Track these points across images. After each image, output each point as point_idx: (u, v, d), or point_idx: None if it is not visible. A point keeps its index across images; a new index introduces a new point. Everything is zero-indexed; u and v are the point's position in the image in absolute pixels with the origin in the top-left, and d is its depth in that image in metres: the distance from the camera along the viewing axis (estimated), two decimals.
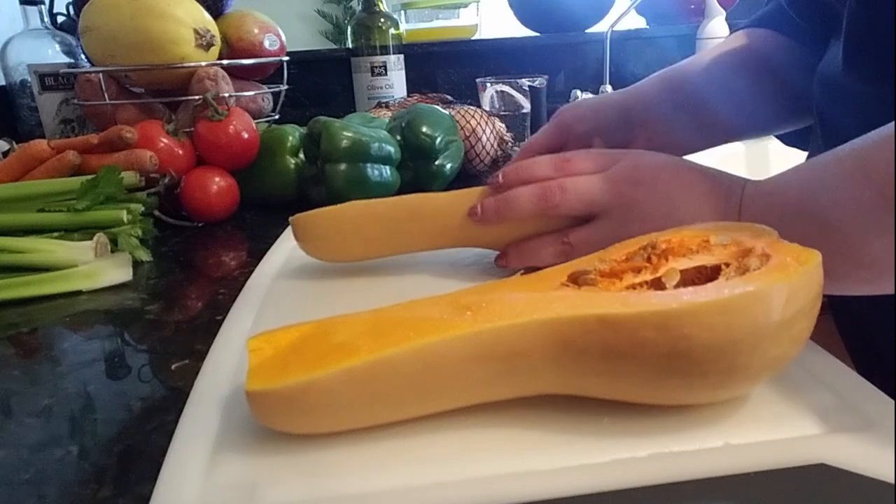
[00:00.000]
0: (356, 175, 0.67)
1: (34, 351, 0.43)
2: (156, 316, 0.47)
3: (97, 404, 0.35)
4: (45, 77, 0.96)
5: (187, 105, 0.81)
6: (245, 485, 0.25)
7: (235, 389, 0.32)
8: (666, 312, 0.25)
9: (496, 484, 0.24)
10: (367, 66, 1.12)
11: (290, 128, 0.77)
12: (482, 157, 0.86)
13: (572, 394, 0.28)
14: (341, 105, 1.32)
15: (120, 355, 0.42)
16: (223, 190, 0.70)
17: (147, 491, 0.26)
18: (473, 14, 1.52)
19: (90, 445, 0.31)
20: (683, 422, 0.27)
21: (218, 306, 0.48)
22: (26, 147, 0.67)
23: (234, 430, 0.29)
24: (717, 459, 0.25)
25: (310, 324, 0.30)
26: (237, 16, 0.93)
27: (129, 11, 0.75)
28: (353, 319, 0.30)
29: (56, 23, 1.04)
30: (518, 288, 0.30)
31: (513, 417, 0.29)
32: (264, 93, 0.94)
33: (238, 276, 0.54)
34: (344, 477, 0.25)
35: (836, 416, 0.27)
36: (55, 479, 0.29)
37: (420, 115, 0.74)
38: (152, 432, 0.32)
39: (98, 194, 0.59)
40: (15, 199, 0.60)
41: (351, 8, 2.43)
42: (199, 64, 0.79)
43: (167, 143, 0.70)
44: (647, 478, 0.24)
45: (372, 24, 1.11)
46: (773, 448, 0.25)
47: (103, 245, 0.57)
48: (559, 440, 0.27)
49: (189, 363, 0.39)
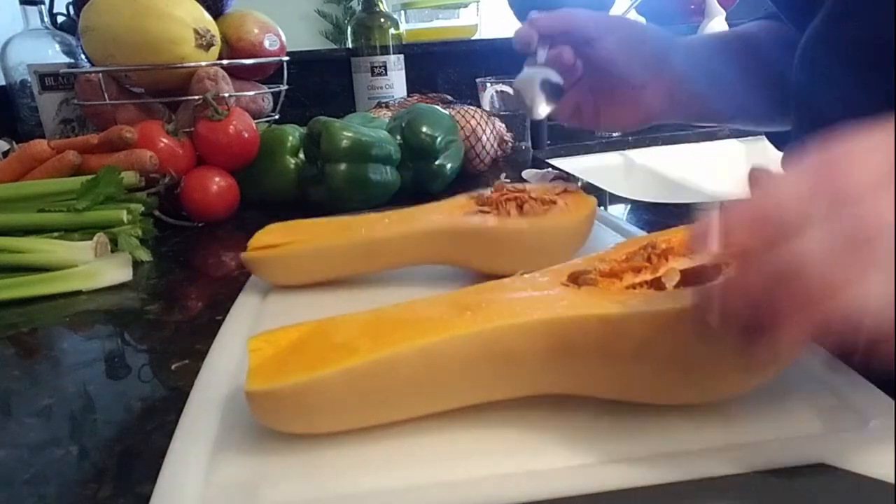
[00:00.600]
0: (356, 175, 0.67)
1: (34, 351, 0.43)
2: (156, 316, 0.47)
3: (97, 404, 0.35)
4: (45, 77, 0.96)
5: (187, 105, 0.81)
6: (245, 485, 0.25)
7: (235, 389, 0.32)
8: (666, 313, 0.25)
9: (496, 484, 0.24)
10: (367, 66, 1.12)
11: (290, 128, 0.77)
12: (482, 157, 0.86)
13: (572, 393, 0.28)
14: (341, 105, 1.32)
15: (120, 355, 0.42)
16: (223, 190, 0.70)
17: (147, 491, 0.26)
18: (473, 14, 1.52)
19: (90, 445, 0.31)
20: (683, 422, 0.27)
21: (218, 306, 0.48)
22: (26, 147, 0.67)
23: (234, 430, 0.29)
24: (717, 459, 0.25)
25: (310, 324, 0.30)
26: (237, 16, 0.93)
27: (129, 11, 0.75)
28: (352, 319, 0.30)
29: (56, 23, 1.04)
30: (518, 288, 0.30)
31: (513, 418, 0.29)
32: (264, 93, 0.94)
33: (238, 276, 0.54)
34: (344, 477, 0.25)
35: (835, 416, 0.27)
36: (55, 479, 0.29)
37: (420, 115, 0.74)
38: (152, 432, 0.32)
39: (98, 194, 0.59)
40: (15, 199, 0.60)
41: (351, 8, 2.43)
42: (199, 64, 0.79)
43: (167, 143, 0.70)
44: (647, 478, 0.24)
45: (372, 24, 1.11)
46: (773, 448, 0.25)
47: (103, 245, 0.57)
48: (559, 440, 0.27)
49: (189, 363, 0.39)
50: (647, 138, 1.30)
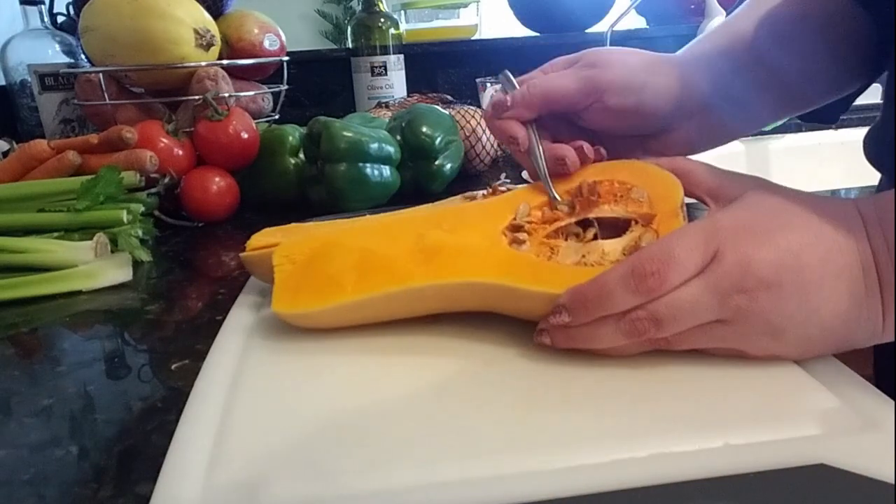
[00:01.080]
0: (356, 175, 0.67)
1: (34, 351, 0.43)
2: (156, 316, 0.47)
3: (97, 404, 0.35)
4: (45, 77, 0.96)
5: (187, 105, 0.81)
6: (245, 485, 0.25)
7: (235, 389, 0.32)
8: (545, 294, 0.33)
9: (496, 484, 0.24)
10: (367, 66, 1.12)
11: (290, 128, 0.77)
12: (482, 157, 0.86)
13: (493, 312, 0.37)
14: (341, 105, 1.32)
15: (120, 355, 0.42)
16: (223, 190, 0.70)
17: (147, 491, 0.26)
18: (473, 14, 1.52)
19: (90, 445, 0.31)
20: (683, 422, 0.27)
21: (218, 306, 0.48)
22: (26, 147, 0.67)
23: (234, 430, 0.29)
24: (717, 459, 0.25)
25: (318, 242, 0.39)
26: (237, 16, 0.93)
27: (129, 11, 0.75)
28: (346, 246, 0.38)
29: (56, 23, 1.04)
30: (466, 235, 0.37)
31: (513, 418, 0.29)
32: (264, 93, 0.94)
33: (238, 276, 0.54)
34: (344, 477, 0.25)
35: (836, 417, 0.27)
36: (55, 479, 0.29)
37: (420, 115, 0.74)
38: (152, 432, 0.32)
39: (98, 194, 0.59)
40: (15, 199, 0.60)
41: (351, 8, 2.43)
42: (199, 64, 0.79)
43: (167, 143, 0.70)
44: (647, 478, 0.24)
45: (372, 24, 1.11)
46: (773, 448, 0.25)
47: (103, 245, 0.57)
48: (559, 440, 0.27)
49: (189, 363, 0.39)
50: None
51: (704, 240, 0.30)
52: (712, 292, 0.29)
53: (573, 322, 0.32)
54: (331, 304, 0.36)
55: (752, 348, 0.31)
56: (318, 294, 0.37)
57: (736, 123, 0.46)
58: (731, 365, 0.31)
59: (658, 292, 0.30)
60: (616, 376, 0.31)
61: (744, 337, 0.30)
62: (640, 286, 0.30)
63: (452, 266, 0.36)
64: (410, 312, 0.38)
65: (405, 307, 0.38)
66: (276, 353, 0.36)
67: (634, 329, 0.30)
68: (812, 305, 0.29)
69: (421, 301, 0.37)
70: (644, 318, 0.30)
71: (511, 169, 0.90)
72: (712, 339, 0.31)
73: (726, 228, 0.31)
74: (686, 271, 0.30)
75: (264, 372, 0.34)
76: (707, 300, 0.30)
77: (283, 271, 0.39)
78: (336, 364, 0.35)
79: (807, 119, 0.51)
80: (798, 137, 1.36)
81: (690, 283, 0.30)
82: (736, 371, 0.31)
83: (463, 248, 0.37)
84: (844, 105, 0.49)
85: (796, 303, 0.29)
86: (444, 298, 0.37)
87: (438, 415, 0.29)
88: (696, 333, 0.31)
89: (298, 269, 0.39)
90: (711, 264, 0.30)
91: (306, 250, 0.39)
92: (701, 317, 0.30)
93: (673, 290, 0.30)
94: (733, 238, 0.30)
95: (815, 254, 0.29)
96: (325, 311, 0.37)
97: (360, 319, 0.38)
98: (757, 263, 0.29)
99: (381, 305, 0.37)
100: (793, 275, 0.29)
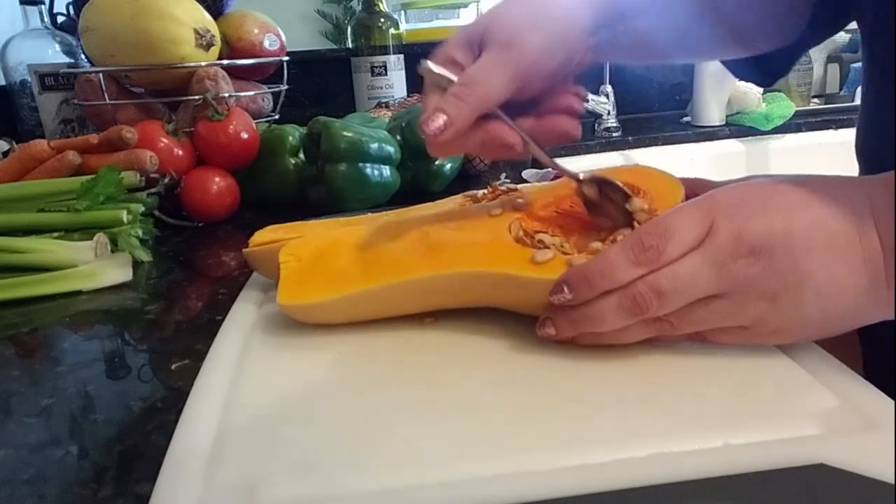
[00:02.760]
0: (356, 175, 0.67)
1: (34, 351, 0.43)
2: (156, 316, 0.47)
3: (97, 404, 0.35)
4: (45, 77, 0.96)
5: (187, 105, 0.81)
6: (245, 485, 0.25)
7: (235, 389, 0.32)
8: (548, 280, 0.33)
9: (496, 484, 0.24)
10: (367, 66, 1.12)
11: (290, 128, 0.77)
12: (482, 157, 0.86)
13: None
14: (341, 105, 1.32)
15: (120, 355, 0.42)
16: (223, 190, 0.70)
17: (147, 491, 0.26)
18: (473, 14, 1.52)
19: (90, 445, 0.31)
20: (683, 422, 0.27)
21: (218, 306, 0.48)
22: (26, 147, 0.67)
23: (234, 429, 0.29)
24: (717, 459, 0.25)
25: (323, 240, 0.40)
26: (237, 16, 0.93)
27: (129, 11, 0.75)
28: (352, 244, 0.39)
29: (56, 23, 1.04)
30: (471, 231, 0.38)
31: (512, 418, 0.29)
32: (264, 93, 0.94)
33: (238, 276, 0.54)
34: (344, 477, 0.25)
35: (836, 417, 0.27)
36: (55, 479, 0.29)
37: (420, 116, 0.74)
38: (152, 432, 0.32)
39: (98, 194, 0.59)
40: (15, 199, 0.60)
41: (351, 8, 2.43)
42: (199, 64, 0.79)
43: (167, 143, 0.70)
44: (647, 478, 0.24)
45: (372, 24, 1.11)
46: (773, 448, 0.25)
47: (103, 245, 0.57)
48: (559, 440, 0.27)
49: (189, 363, 0.39)
50: (647, 138, 1.30)
51: (701, 214, 0.31)
52: (710, 263, 0.30)
53: (575, 299, 0.32)
54: (336, 295, 0.37)
55: (752, 320, 0.31)
56: (323, 286, 0.37)
57: (665, 38, 0.46)
58: (731, 365, 0.32)
59: (658, 263, 0.31)
60: (616, 376, 0.32)
61: (742, 308, 0.31)
62: (639, 257, 0.31)
63: (457, 258, 0.37)
64: (414, 306, 0.38)
65: (409, 300, 0.38)
66: (275, 352, 0.36)
67: (636, 305, 0.31)
68: (803, 268, 0.30)
69: (425, 294, 0.37)
70: (645, 291, 0.31)
71: (511, 169, 0.90)
72: (713, 315, 0.31)
73: (722, 203, 0.32)
74: (684, 244, 0.31)
75: (264, 372, 0.34)
76: (706, 271, 0.30)
77: (288, 267, 0.39)
78: (336, 364, 0.35)
79: (758, 73, 0.52)
80: (798, 137, 1.36)
81: (689, 255, 0.31)
82: (736, 371, 0.31)
83: (468, 243, 0.37)
84: (792, 55, 0.50)
85: (786, 265, 0.30)
86: (448, 290, 0.37)
87: (438, 414, 0.29)
88: (697, 311, 0.31)
89: (304, 265, 0.39)
90: (708, 237, 0.31)
91: (312, 248, 0.40)
92: (701, 288, 0.31)
93: (672, 262, 0.31)
94: (729, 212, 0.31)
95: (804, 219, 0.30)
96: (330, 302, 0.37)
97: (364, 313, 0.38)
98: (748, 233, 0.30)
99: (385, 297, 0.37)
100: (781, 238, 0.30)
